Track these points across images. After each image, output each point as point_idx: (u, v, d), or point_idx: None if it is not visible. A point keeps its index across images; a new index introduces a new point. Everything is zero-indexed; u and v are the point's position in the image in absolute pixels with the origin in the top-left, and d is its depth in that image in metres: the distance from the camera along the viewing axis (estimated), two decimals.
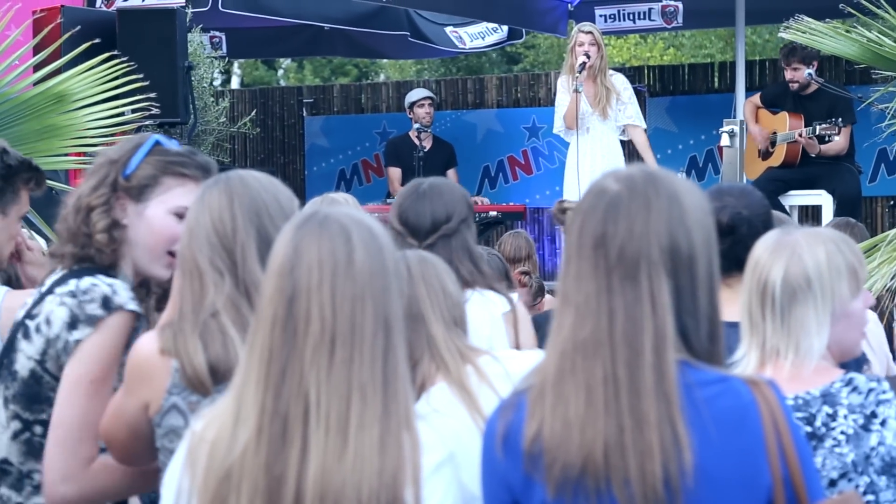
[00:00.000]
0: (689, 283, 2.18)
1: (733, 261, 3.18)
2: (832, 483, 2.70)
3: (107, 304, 2.86)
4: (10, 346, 2.93)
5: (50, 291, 2.92)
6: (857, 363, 3.24)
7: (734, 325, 2.85)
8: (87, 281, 2.89)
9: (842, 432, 2.72)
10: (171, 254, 2.95)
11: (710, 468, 2.13)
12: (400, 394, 2.15)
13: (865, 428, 2.72)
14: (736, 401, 2.17)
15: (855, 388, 2.74)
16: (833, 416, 2.73)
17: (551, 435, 2.16)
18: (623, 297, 2.15)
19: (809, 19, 6.58)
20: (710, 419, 2.14)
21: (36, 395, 2.90)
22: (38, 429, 2.91)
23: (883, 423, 2.72)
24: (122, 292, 2.89)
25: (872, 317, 4.16)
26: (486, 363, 2.87)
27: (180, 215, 2.93)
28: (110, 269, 2.96)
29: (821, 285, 2.75)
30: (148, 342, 2.75)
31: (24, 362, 2.91)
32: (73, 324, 2.86)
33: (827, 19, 6.64)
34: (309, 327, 2.13)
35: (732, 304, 2.97)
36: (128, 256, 2.99)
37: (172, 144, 3.03)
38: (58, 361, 2.88)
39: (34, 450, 2.91)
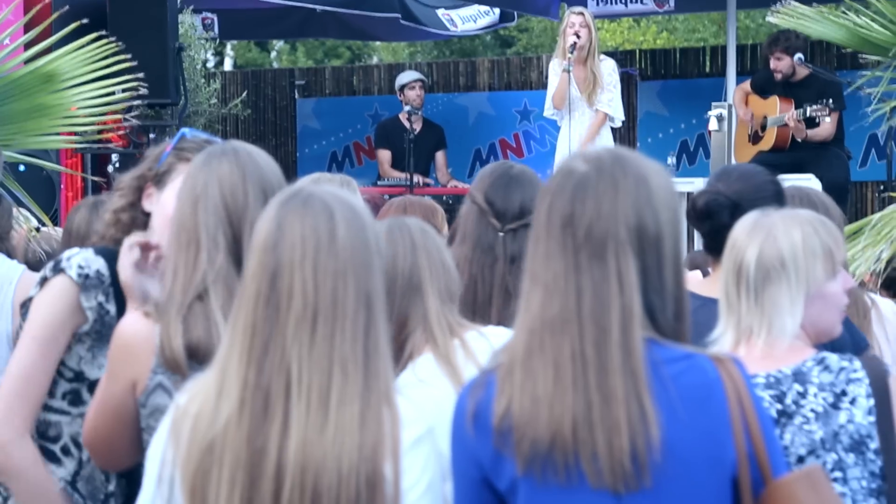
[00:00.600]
0: (655, 262, 2.21)
1: (721, 245, 3.20)
2: (800, 459, 2.72)
3: (56, 266, 2.94)
4: None
5: None
6: (856, 350, 3.25)
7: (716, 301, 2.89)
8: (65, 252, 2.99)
9: (811, 410, 2.74)
10: None
11: (676, 443, 2.17)
12: (381, 369, 2.19)
13: (835, 406, 2.74)
14: (702, 378, 2.21)
15: (826, 367, 2.77)
16: (803, 394, 2.75)
17: (520, 411, 2.19)
18: (591, 275, 2.19)
19: (797, 3, 6.60)
20: (677, 396, 2.18)
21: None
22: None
23: (853, 402, 2.74)
24: (74, 261, 2.93)
25: (893, 307, 4.15)
26: (473, 338, 2.90)
27: None
28: None
29: (795, 266, 2.78)
30: (132, 322, 2.77)
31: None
32: (37, 284, 2.98)
33: (814, 4, 6.67)
34: (291, 303, 2.16)
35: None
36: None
37: (200, 135, 3.08)
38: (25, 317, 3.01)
39: None
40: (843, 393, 2.75)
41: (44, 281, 2.95)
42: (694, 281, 3.54)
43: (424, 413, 2.26)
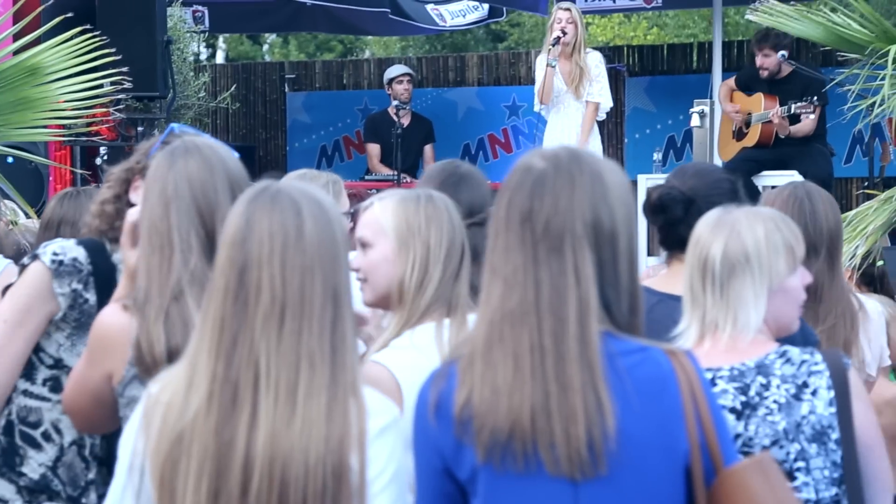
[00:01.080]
0: (611, 256, 2.28)
1: (674, 240, 3.26)
2: (764, 449, 2.78)
3: (33, 255, 3.02)
4: None
5: None
6: (806, 345, 3.30)
7: (678, 299, 2.95)
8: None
9: (774, 401, 2.80)
10: None
11: (631, 433, 2.24)
12: (347, 362, 2.23)
13: (797, 397, 2.80)
14: (656, 370, 2.28)
15: (788, 360, 2.83)
16: (766, 386, 2.81)
17: (480, 401, 2.25)
18: (549, 268, 2.26)
19: (776, 2, 6.66)
20: (632, 387, 2.25)
21: None
22: None
23: (814, 393, 2.81)
24: (50, 248, 3.00)
25: (876, 307, 4.18)
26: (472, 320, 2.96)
27: None
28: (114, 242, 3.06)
29: (759, 261, 2.83)
30: (110, 315, 2.81)
31: None
32: (17, 272, 3.12)
33: (793, 2, 6.74)
34: (260, 298, 2.21)
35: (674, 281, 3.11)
36: None
37: (188, 130, 3.11)
38: None
39: None
40: (805, 385, 2.81)
41: (22, 268, 3.02)
42: (651, 277, 3.61)
43: (388, 402, 2.32)
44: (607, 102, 8.99)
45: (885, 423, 3.67)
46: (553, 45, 8.69)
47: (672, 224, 3.29)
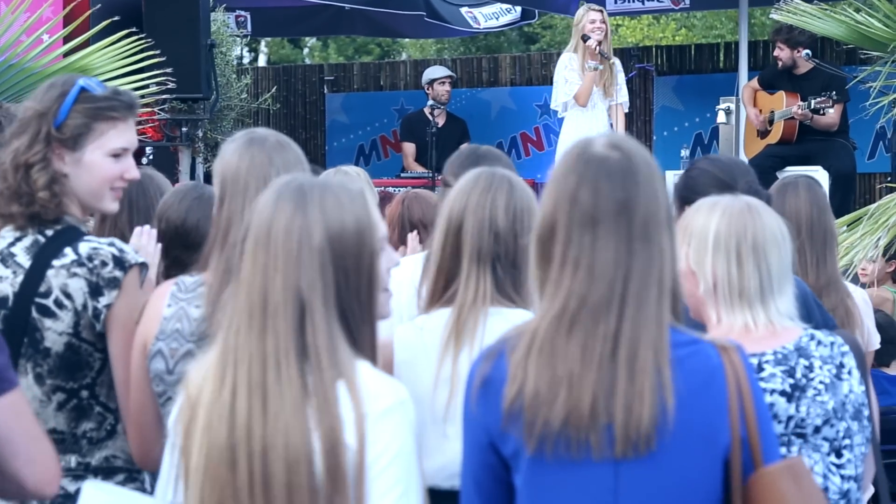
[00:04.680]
0: (673, 241, 2.34)
1: None
2: (817, 429, 2.85)
3: (121, 264, 2.99)
4: (32, 326, 3.00)
5: (45, 265, 2.99)
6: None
7: None
8: (85, 246, 3.00)
9: (820, 382, 2.84)
10: (113, 189, 3.08)
11: (677, 421, 2.25)
12: (340, 350, 2.27)
13: (838, 377, 2.86)
14: (705, 363, 2.30)
15: (819, 342, 2.88)
16: (810, 368, 2.84)
17: (534, 395, 2.26)
18: (641, 257, 2.27)
19: (800, 1, 6.90)
20: (682, 377, 2.26)
21: (76, 364, 3.02)
22: (84, 393, 3.05)
23: (849, 373, 2.88)
24: (126, 248, 3.03)
25: (863, 295, 4.36)
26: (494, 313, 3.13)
27: (116, 155, 3.04)
28: (56, 223, 3.03)
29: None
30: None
31: (55, 338, 3.00)
32: (96, 291, 2.99)
33: (816, 1, 6.96)
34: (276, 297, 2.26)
35: None
36: (73, 205, 3.05)
37: (97, 87, 3.05)
38: (92, 329, 3.00)
39: (84, 412, 3.06)
40: (842, 365, 2.88)
41: (117, 283, 2.98)
42: None
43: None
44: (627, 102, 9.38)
45: None
46: (599, 52, 8.93)
47: None
